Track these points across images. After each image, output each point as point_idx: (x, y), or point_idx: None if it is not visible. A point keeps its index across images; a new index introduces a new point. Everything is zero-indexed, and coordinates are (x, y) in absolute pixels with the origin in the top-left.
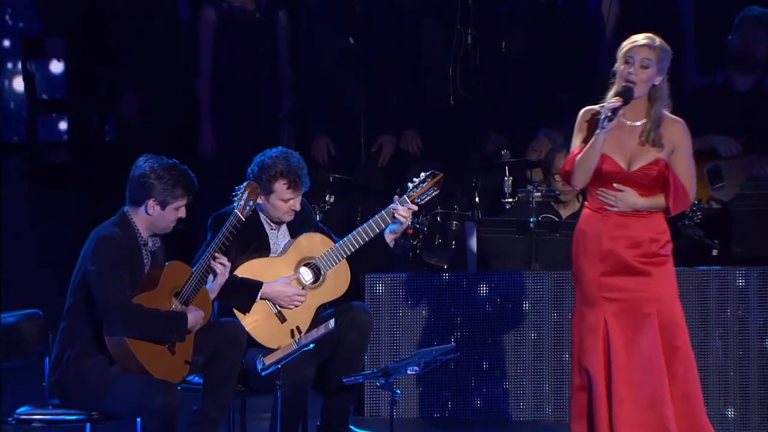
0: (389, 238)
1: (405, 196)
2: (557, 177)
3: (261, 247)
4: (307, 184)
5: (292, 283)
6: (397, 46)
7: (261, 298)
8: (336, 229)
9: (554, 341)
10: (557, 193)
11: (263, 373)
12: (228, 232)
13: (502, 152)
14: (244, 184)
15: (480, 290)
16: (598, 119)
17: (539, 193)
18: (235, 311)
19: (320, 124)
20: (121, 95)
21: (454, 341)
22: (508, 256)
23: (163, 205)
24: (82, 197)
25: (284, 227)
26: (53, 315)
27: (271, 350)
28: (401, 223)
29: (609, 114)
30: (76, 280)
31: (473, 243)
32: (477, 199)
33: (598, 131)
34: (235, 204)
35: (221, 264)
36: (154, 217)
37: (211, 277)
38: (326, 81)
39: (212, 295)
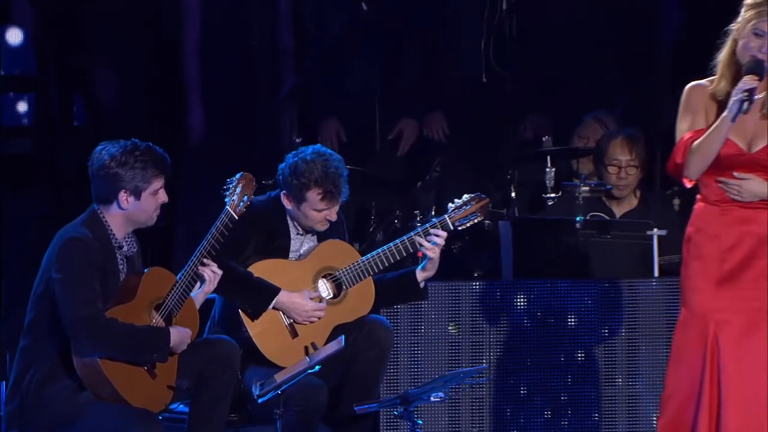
0: (422, 275)
1: (446, 217)
2: (611, 168)
3: (280, 249)
4: (345, 193)
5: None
6: (418, 12)
7: (274, 307)
8: (348, 228)
9: (605, 363)
10: (609, 187)
11: (260, 400)
12: (218, 233)
13: (543, 139)
14: (237, 175)
15: (517, 302)
16: (717, 99)
17: (588, 188)
18: (242, 314)
19: (328, 105)
20: (93, 70)
21: (485, 362)
22: (550, 262)
23: (137, 193)
24: (47, 193)
25: (313, 235)
26: (11, 331)
27: (276, 369)
28: (434, 249)
29: (745, 95)
30: (38, 290)
31: (509, 246)
32: (513, 195)
33: (726, 113)
34: (226, 200)
35: (211, 271)
36: (130, 211)
37: (198, 285)
38: (334, 54)
39: (197, 305)
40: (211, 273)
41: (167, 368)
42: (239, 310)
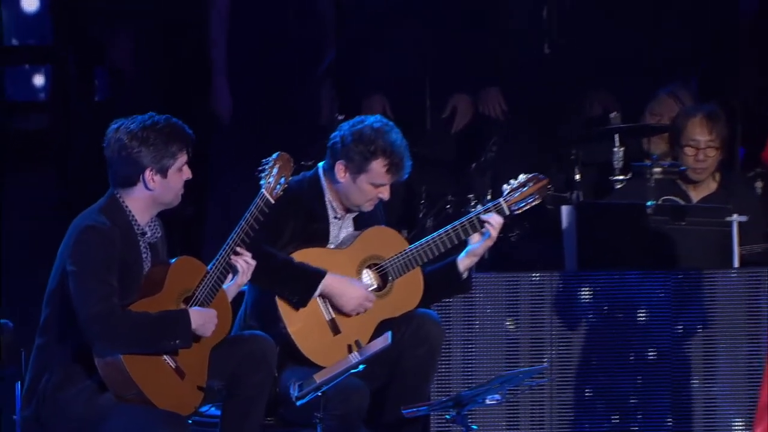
0: (465, 263)
1: (501, 201)
2: (689, 149)
3: (318, 236)
4: (408, 169)
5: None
6: None
7: (321, 293)
8: (394, 215)
9: (679, 362)
10: (684, 168)
11: (299, 402)
12: (253, 219)
13: (611, 115)
14: (274, 155)
15: (581, 295)
16: None
17: (660, 169)
18: (279, 307)
19: (373, 80)
20: (115, 41)
21: (546, 361)
22: (618, 251)
23: (164, 171)
24: (65, 175)
25: (350, 219)
26: (28, 328)
27: (316, 368)
28: (489, 236)
29: None
30: (54, 284)
31: (572, 234)
32: (577, 177)
33: None
34: (262, 182)
35: (245, 261)
36: (157, 192)
37: (230, 276)
38: (379, 23)
39: (230, 297)
40: (245, 264)
41: (197, 367)
42: (276, 304)
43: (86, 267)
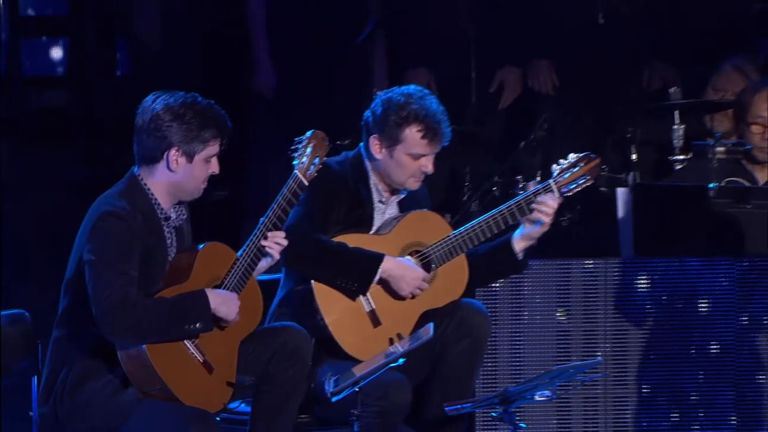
0: (521, 244)
1: (550, 182)
2: (755, 127)
3: (363, 220)
4: (448, 135)
5: None
6: None
7: (380, 276)
8: (437, 198)
9: (743, 356)
10: (749, 147)
11: (334, 399)
12: (286, 202)
13: (670, 90)
14: (307, 134)
15: (638, 284)
16: None
17: (723, 148)
18: (318, 298)
19: (416, 51)
20: (138, 11)
21: (601, 355)
22: (678, 236)
23: (190, 155)
24: (84, 155)
25: (395, 205)
26: (45, 319)
27: (354, 363)
28: (542, 223)
29: None
30: (72, 272)
31: (628, 218)
32: (634, 157)
33: None
34: (295, 162)
35: (276, 243)
36: (178, 177)
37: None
38: None
39: (262, 271)
40: (276, 245)
41: (225, 361)
42: (313, 293)
43: (103, 256)
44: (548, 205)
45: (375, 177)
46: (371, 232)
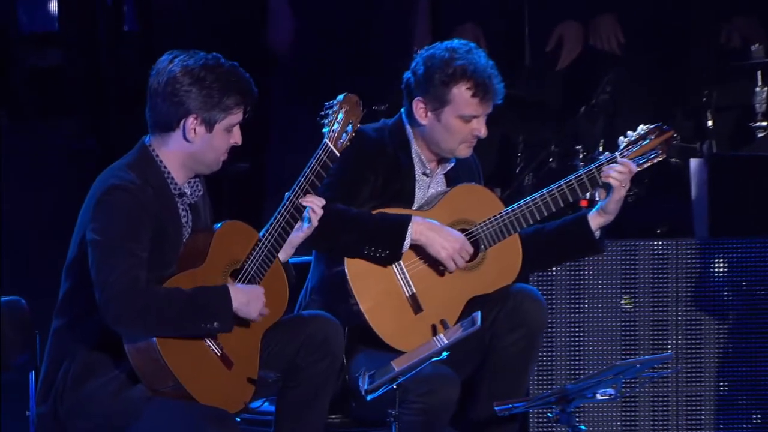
0: (598, 220)
1: (616, 155)
2: None
3: (403, 195)
4: (501, 92)
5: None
6: None
7: (412, 239)
8: (485, 171)
9: None
10: None
11: (369, 397)
12: (314, 175)
13: (752, 48)
14: (339, 98)
15: (714, 267)
16: None
17: None
18: (352, 281)
19: (462, 4)
20: None
21: (671, 348)
22: (758, 213)
23: (210, 123)
24: (87, 124)
25: (442, 178)
26: (44, 307)
27: (393, 355)
28: (615, 190)
29: None
30: (74, 254)
31: (703, 193)
32: (710, 124)
33: None
34: (324, 130)
35: (313, 202)
36: (195, 148)
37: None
38: None
39: (293, 247)
40: (313, 211)
41: (247, 355)
42: (346, 276)
43: (108, 235)
44: (621, 175)
45: (418, 145)
46: (415, 208)
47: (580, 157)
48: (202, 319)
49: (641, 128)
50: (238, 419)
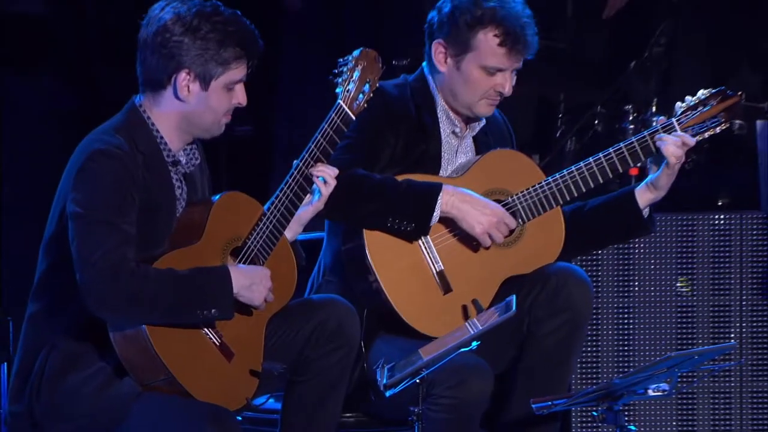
0: (646, 196)
1: (673, 121)
2: None
3: (427, 159)
4: (533, 46)
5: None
6: None
7: (442, 211)
8: (522, 135)
9: None
10: None
11: (388, 393)
12: (326, 140)
13: None
14: (354, 53)
15: None
16: None
17: None
18: (371, 256)
19: None
20: None
21: (734, 338)
22: None
23: (206, 80)
24: (69, 80)
25: (470, 141)
26: (18, 289)
27: (418, 341)
28: (667, 164)
29: None
30: (53, 229)
31: None
32: None
33: None
34: (338, 90)
35: (325, 172)
36: (190, 108)
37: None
38: None
39: (305, 219)
40: (326, 176)
41: (249, 345)
42: (365, 249)
43: (92, 207)
44: (676, 148)
45: (444, 102)
46: (444, 175)
47: (630, 119)
48: (198, 305)
49: (701, 93)
50: (239, 418)
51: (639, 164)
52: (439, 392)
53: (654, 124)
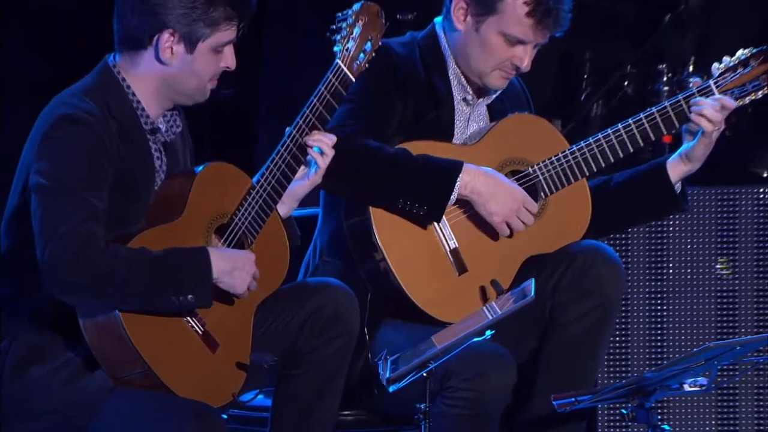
0: (679, 168)
1: (710, 83)
2: None
3: (438, 126)
4: (562, 25)
5: None
6: None
7: (459, 194)
8: (542, 98)
9: None
10: None
11: (392, 388)
12: (322, 104)
13: None
14: (355, 7)
15: None
16: None
17: None
18: (378, 232)
19: None
20: None
21: None
22: None
23: (191, 42)
24: (32, 38)
25: (484, 109)
26: None
27: (429, 327)
28: (702, 136)
29: None
30: (15, 203)
31: None
32: None
33: None
34: (336, 48)
35: (322, 141)
36: (173, 69)
37: (302, 171)
38: None
39: (300, 194)
40: (323, 145)
41: (236, 334)
42: (371, 225)
43: (58, 179)
44: (716, 107)
45: (456, 65)
46: (458, 143)
47: (664, 80)
48: (173, 289)
49: (741, 52)
50: (225, 416)
51: (672, 131)
52: (455, 384)
53: (690, 86)
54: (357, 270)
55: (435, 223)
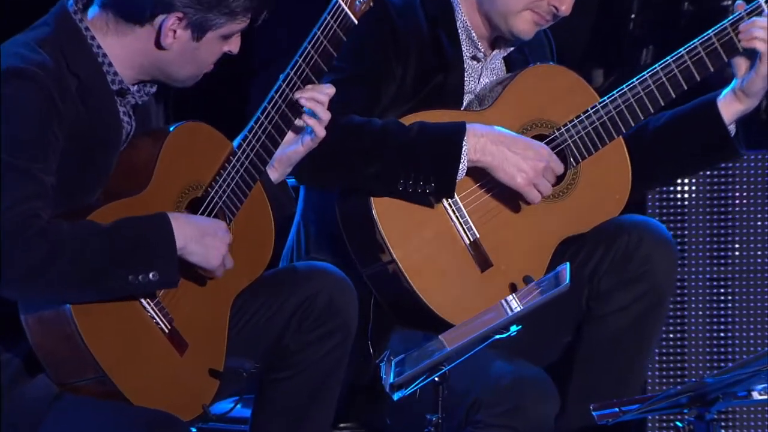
0: (734, 108)
1: (761, 2)
2: None
3: (447, 89)
4: None
5: None
6: None
7: (469, 160)
8: (577, 44)
9: None
10: None
11: (396, 395)
12: (316, 52)
13: None
14: None
15: None
16: None
17: None
18: (382, 224)
19: None
20: None
21: None
22: None
23: (200, 29)
24: None
25: (500, 62)
26: None
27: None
28: (760, 63)
29: None
30: None
31: None
32: None
33: None
34: None
35: (316, 98)
36: (170, 54)
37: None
38: None
39: (294, 160)
40: (317, 103)
41: (208, 333)
42: (372, 214)
43: (3, 146)
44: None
45: (467, 17)
46: (462, 108)
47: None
48: (129, 267)
49: None
50: (193, 429)
51: (719, 66)
52: (485, 419)
53: (735, 11)
54: (357, 270)
55: (450, 210)
